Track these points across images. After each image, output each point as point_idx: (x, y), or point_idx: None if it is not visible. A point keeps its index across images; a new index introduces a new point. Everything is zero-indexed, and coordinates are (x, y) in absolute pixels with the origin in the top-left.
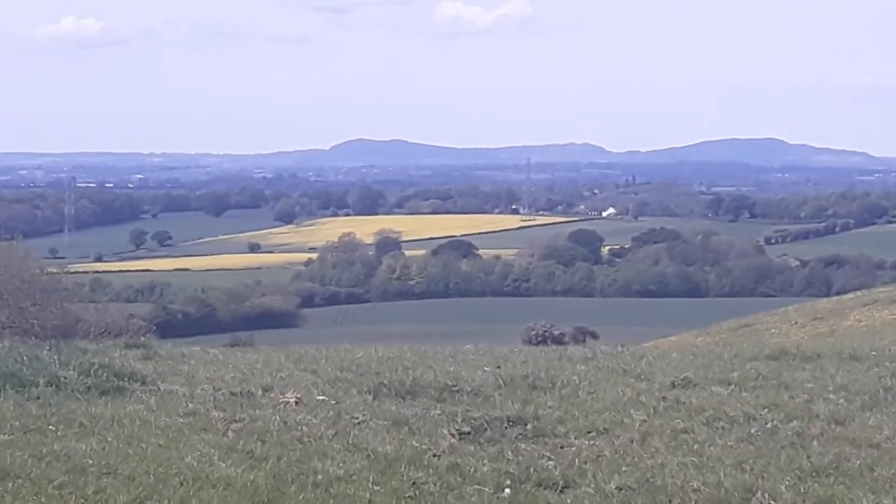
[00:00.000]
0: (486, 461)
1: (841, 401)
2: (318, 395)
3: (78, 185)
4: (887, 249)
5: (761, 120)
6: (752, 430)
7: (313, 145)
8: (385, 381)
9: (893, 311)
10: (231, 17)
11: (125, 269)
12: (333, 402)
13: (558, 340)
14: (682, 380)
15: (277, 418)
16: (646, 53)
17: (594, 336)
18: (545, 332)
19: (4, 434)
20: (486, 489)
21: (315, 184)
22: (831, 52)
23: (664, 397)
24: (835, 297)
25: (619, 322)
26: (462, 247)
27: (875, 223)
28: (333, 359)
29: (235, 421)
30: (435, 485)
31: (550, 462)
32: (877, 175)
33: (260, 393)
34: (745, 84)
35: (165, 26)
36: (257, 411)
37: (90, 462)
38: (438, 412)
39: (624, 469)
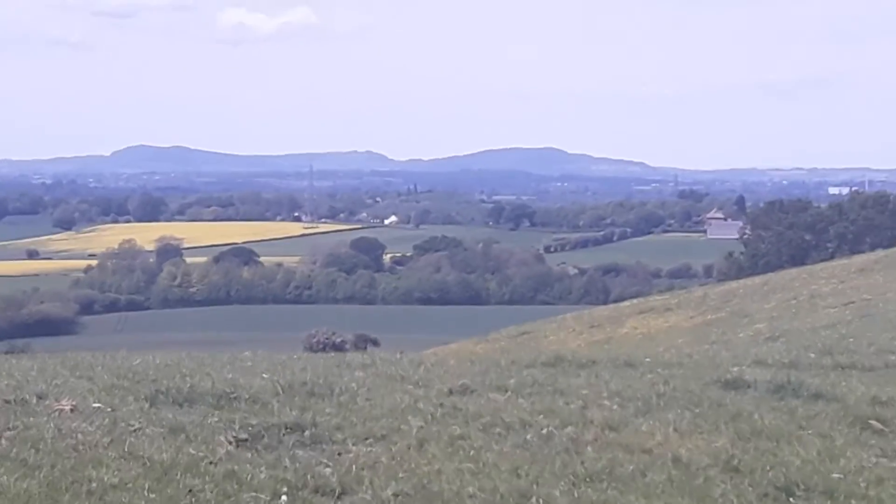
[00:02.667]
0: (263, 468)
1: (615, 407)
2: (94, 403)
3: None
4: (663, 258)
5: (541, 129)
6: (528, 436)
7: (94, 151)
8: (162, 389)
9: (668, 318)
10: (9, 20)
11: None
12: (109, 409)
13: (339, 348)
14: (459, 386)
15: (52, 426)
16: (428, 62)
17: (375, 343)
18: (326, 339)
19: None
20: (262, 496)
21: (95, 190)
22: (610, 63)
23: (441, 404)
24: (612, 305)
25: (401, 329)
26: (244, 254)
27: (652, 232)
28: (110, 366)
29: (9, 429)
30: (211, 492)
31: (328, 469)
32: (654, 185)
33: (34, 400)
34: (526, 94)
35: None
36: (31, 419)
37: None
38: (216, 419)
39: (401, 475)
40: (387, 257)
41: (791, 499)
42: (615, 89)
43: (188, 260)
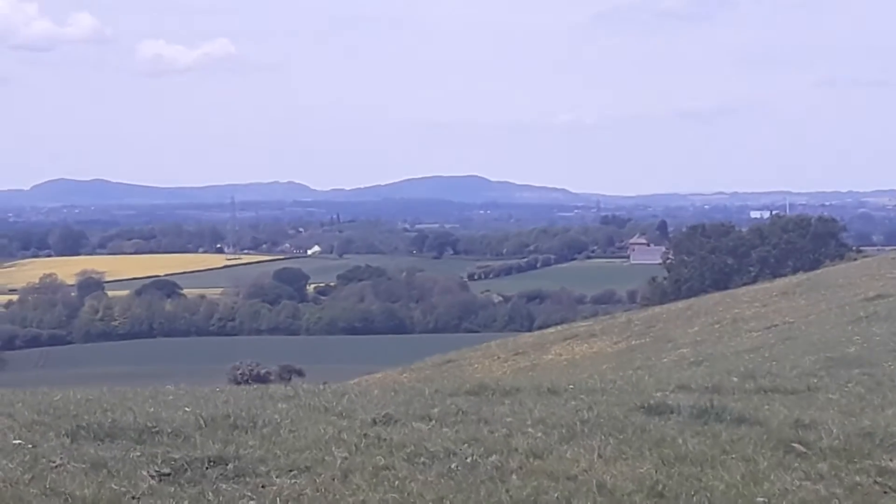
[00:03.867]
0: (186, 502)
1: (539, 434)
2: (14, 440)
3: None
4: (587, 284)
5: (463, 158)
6: (453, 465)
7: (13, 185)
8: (83, 424)
9: (593, 344)
10: None
11: None
12: (30, 445)
13: (263, 379)
14: (383, 416)
15: None
16: (349, 93)
17: (300, 374)
18: (250, 370)
19: None
20: None
21: (15, 224)
22: (531, 92)
23: (365, 434)
24: (536, 332)
25: (326, 360)
26: (166, 287)
27: (575, 258)
28: (30, 402)
29: None
30: None
31: (252, 502)
32: (576, 211)
33: None
34: (448, 122)
35: None
36: None
37: None
38: (138, 454)
39: None
40: (310, 287)
41: None
42: (536, 117)
43: (110, 293)
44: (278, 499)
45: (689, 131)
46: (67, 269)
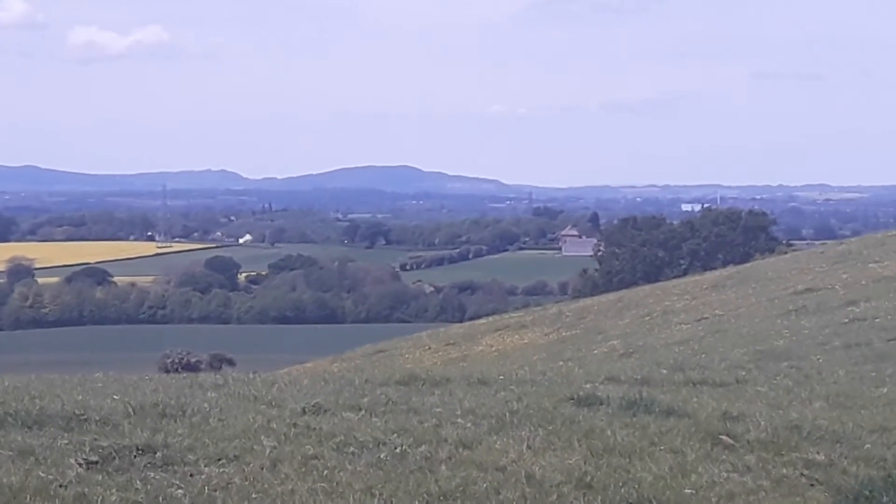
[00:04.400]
0: (114, 490)
1: (469, 425)
2: None
3: None
4: (519, 275)
5: (396, 148)
6: (382, 455)
7: None
8: (10, 411)
9: (524, 335)
10: None
11: None
12: None
13: (194, 368)
14: (312, 406)
15: None
16: (282, 82)
17: (231, 363)
18: (181, 359)
19: None
20: None
21: None
22: (464, 82)
23: (295, 423)
24: (467, 323)
25: (257, 349)
26: (97, 274)
27: (507, 249)
28: None
29: None
30: None
31: (180, 491)
32: (508, 202)
33: None
34: (381, 112)
35: None
36: None
37: None
38: (66, 442)
39: (254, 496)
40: (241, 276)
41: None
42: (468, 108)
43: (40, 280)
44: (206, 487)
45: (621, 123)
46: None
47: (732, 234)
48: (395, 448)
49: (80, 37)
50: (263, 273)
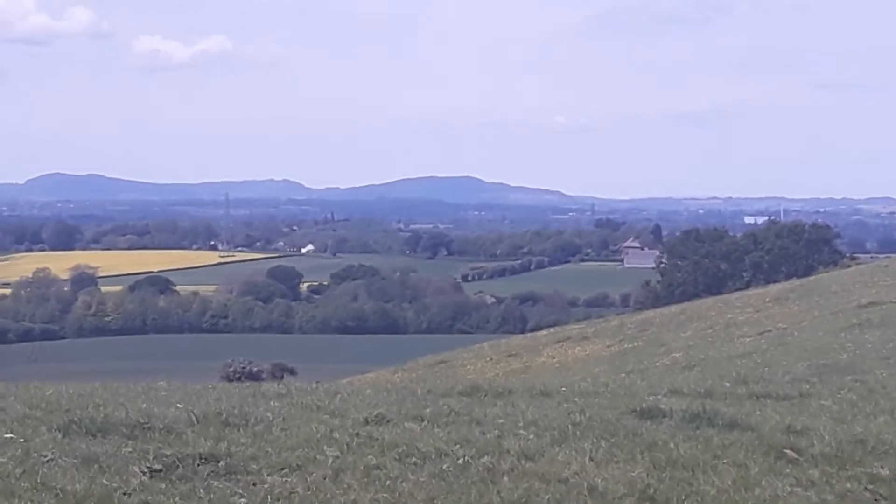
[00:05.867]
0: (177, 499)
1: (531, 436)
2: (6, 434)
3: None
4: (580, 287)
5: (458, 158)
6: (444, 466)
7: (7, 179)
8: (75, 419)
9: (585, 347)
10: None
11: None
12: (21, 440)
13: (256, 377)
14: (375, 416)
15: None
16: (345, 91)
17: (292, 373)
18: (243, 368)
19: None
20: None
21: (9, 218)
22: (526, 93)
23: (357, 433)
24: (529, 334)
25: (318, 359)
26: (159, 283)
27: (569, 261)
28: (23, 396)
29: None
30: None
31: (243, 500)
32: (570, 213)
33: None
34: (443, 123)
35: None
36: None
37: None
38: (130, 450)
39: None
40: (304, 286)
41: None
42: (531, 119)
43: (103, 289)
44: (269, 497)
45: (684, 135)
46: (61, 263)
47: (796, 247)
48: (458, 459)
49: (144, 46)
50: (325, 283)
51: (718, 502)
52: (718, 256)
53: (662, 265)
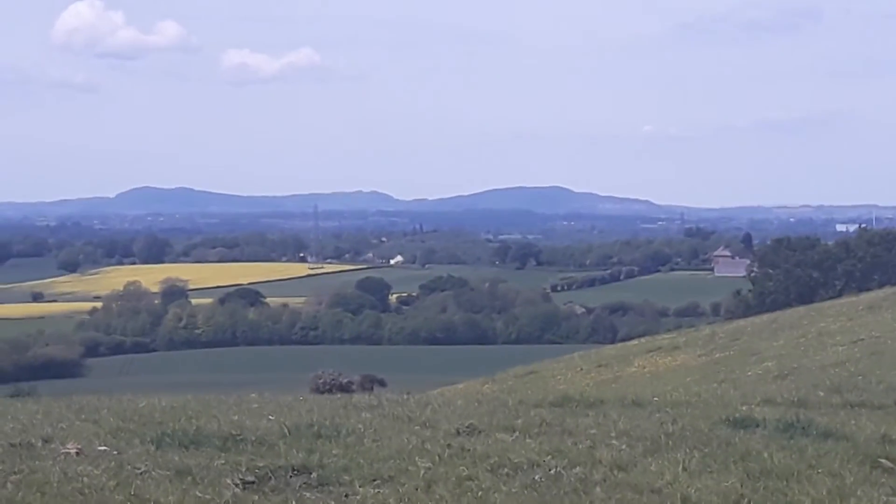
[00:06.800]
0: None
1: (623, 447)
2: (100, 446)
3: None
4: (671, 296)
5: (547, 168)
6: (536, 477)
7: (98, 193)
8: (168, 431)
9: (676, 357)
10: (12, 63)
11: None
12: (115, 452)
13: (345, 388)
14: (466, 427)
15: (57, 469)
16: (433, 102)
17: (382, 384)
18: (332, 380)
19: None
20: None
21: (100, 232)
22: (614, 103)
23: (449, 445)
24: (619, 344)
25: (407, 370)
26: (249, 295)
27: (659, 270)
28: (116, 408)
29: (14, 473)
30: None
31: None
32: (660, 223)
33: (40, 444)
34: (531, 133)
35: None
36: (37, 463)
37: None
38: (222, 462)
39: None
40: (393, 297)
41: None
42: (620, 128)
43: (193, 301)
44: None
45: (774, 143)
46: (151, 276)
47: (889, 255)
48: (550, 470)
49: (232, 59)
50: (414, 294)
51: None
52: (810, 265)
53: (753, 274)
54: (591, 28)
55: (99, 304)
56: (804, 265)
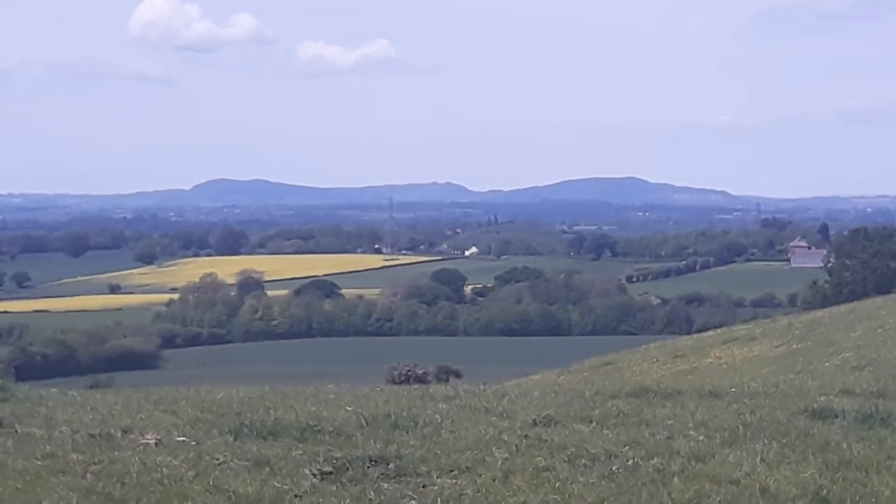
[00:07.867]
0: (348, 501)
1: (701, 437)
2: (179, 437)
3: None
4: (746, 287)
5: (622, 159)
6: (614, 468)
7: (175, 185)
8: (246, 422)
9: (753, 348)
10: (90, 56)
11: None
12: (194, 442)
13: (421, 380)
14: (543, 418)
15: (137, 460)
16: (507, 93)
17: (457, 375)
18: (408, 371)
19: None
20: None
21: (176, 224)
22: (690, 93)
23: (526, 435)
24: (695, 335)
25: (483, 361)
26: (325, 287)
27: (734, 261)
28: (194, 399)
29: (94, 463)
30: None
31: (413, 501)
32: (736, 213)
33: (119, 434)
34: (606, 124)
35: (22, 67)
36: (116, 453)
37: None
38: (300, 452)
39: None
40: (468, 288)
41: None
42: (695, 118)
43: (269, 293)
44: (439, 499)
45: (851, 132)
46: (227, 268)
47: None
48: (628, 460)
49: (307, 51)
50: (489, 285)
51: (893, 503)
52: (888, 255)
53: (830, 265)
54: (666, 18)
55: (175, 296)
56: (882, 255)
